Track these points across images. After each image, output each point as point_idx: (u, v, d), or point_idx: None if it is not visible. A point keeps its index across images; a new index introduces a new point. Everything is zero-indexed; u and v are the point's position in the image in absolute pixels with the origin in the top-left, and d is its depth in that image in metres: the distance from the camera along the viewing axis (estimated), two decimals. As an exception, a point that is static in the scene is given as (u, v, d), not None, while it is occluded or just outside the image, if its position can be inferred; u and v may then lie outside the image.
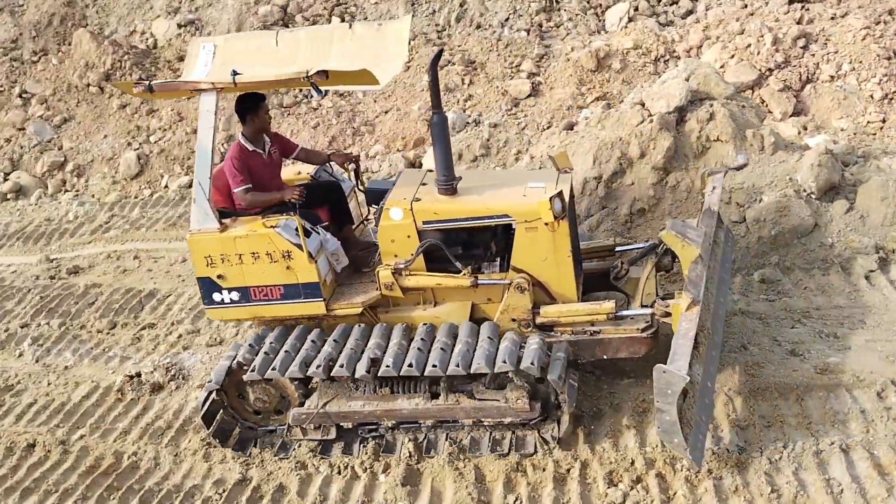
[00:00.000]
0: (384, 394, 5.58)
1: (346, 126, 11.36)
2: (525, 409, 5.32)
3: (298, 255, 5.57)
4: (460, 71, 11.55)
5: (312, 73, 5.21)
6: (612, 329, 5.52)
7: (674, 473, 5.08)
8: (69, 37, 13.34)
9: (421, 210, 5.57)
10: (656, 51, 11.41)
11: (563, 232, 5.45)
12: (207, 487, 5.60)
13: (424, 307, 5.82)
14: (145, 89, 5.55)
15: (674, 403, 4.56)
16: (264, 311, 5.82)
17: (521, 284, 5.49)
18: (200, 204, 5.65)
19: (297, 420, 5.66)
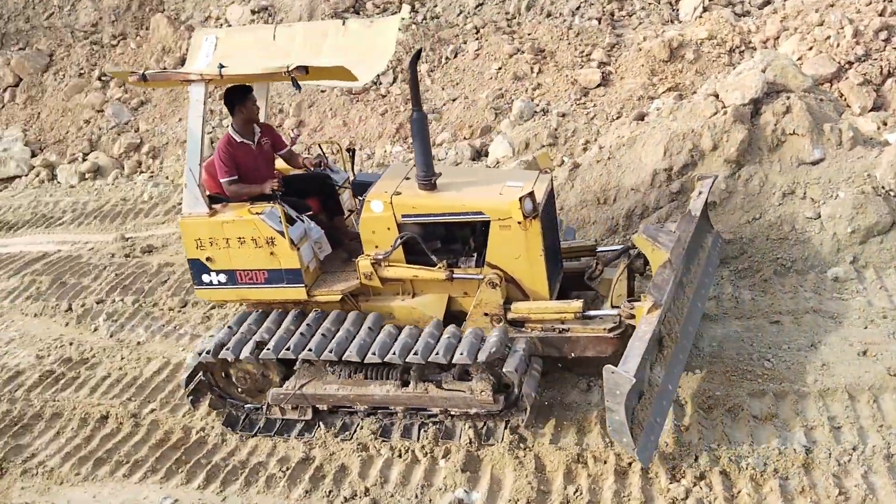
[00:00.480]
0: (358, 379, 5.81)
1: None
2: (489, 401, 5.48)
3: (281, 242, 5.80)
4: (529, 59, 11.48)
5: (293, 68, 5.40)
6: (580, 328, 5.60)
7: (738, 472, 4.99)
8: (147, 21, 13.71)
9: (400, 203, 5.76)
10: (731, 41, 11.16)
11: (536, 231, 5.56)
12: (272, 465, 5.73)
13: (403, 297, 5.99)
14: (140, 78, 5.80)
15: (622, 404, 4.66)
16: (249, 293, 6.07)
17: (492, 280, 5.64)
18: (191, 189, 5.90)
19: (276, 400, 5.94)
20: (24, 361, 7.42)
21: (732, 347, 6.19)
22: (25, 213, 11.12)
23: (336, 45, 6.01)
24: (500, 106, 11.07)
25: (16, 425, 6.51)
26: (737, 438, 5.26)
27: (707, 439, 5.28)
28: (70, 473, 5.93)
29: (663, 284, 5.38)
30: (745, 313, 6.58)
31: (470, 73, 11.76)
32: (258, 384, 6.15)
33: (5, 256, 9.84)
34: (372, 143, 11.31)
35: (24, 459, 6.14)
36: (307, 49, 6.06)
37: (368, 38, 5.97)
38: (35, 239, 10.29)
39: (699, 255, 6.33)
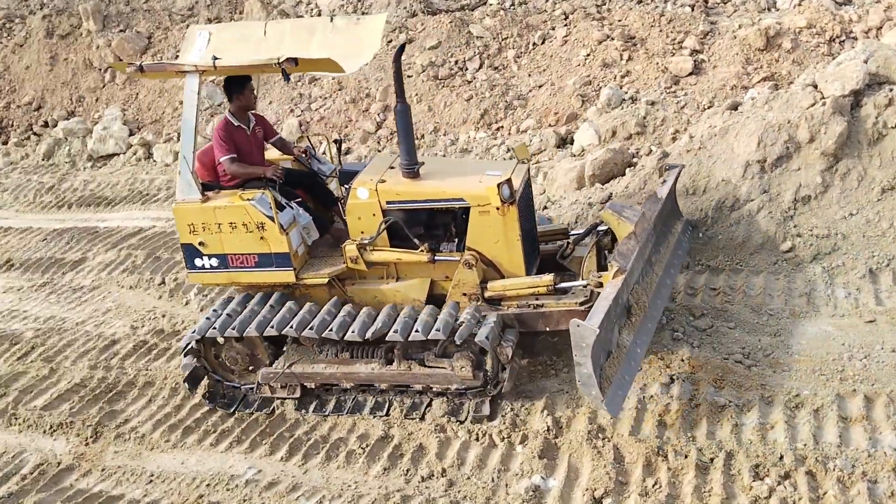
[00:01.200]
0: (344, 358, 6.07)
1: (499, 100, 11.38)
2: (469, 377, 5.74)
3: (271, 227, 6.03)
4: (619, 46, 11.29)
5: (283, 60, 5.69)
6: (553, 303, 5.86)
7: (825, 473, 4.85)
8: (241, 6, 14.04)
9: (385, 190, 6.05)
10: (831, 30, 10.75)
11: (513, 216, 5.86)
12: (352, 441, 5.85)
13: (387, 281, 6.26)
14: (137, 70, 6.04)
15: (588, 356, 4.90)
16: (240, 277, 6.31)
17: (468, 261, 5.92)
18: (185, 176, 6.13)
19: (266, 378, 6.19)
20: (119, 331, 7.74)
21: (823, 346, 6.00)
22: (123, 190, 11.57)
23: (324, 40, 6.34)
24: (587, 93, 10.94)
25: (111, 391, 6.81)
26: (824, 439, 5.11)
27: (793, 438, 5.14)
28: (160, 440, 6.17)
29: (628, 253, 5.66)
30: (838, 311, 6.37)
31: (557, 60, 11.64)
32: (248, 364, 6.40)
33: (104, 231, 10.27)
34: (456, 128, 11.34)
35: (118, 424, 6.42)
36: (296, 44, 6.37)
37: (355, 33, 6.31)
38: (131, 215, 10.70)
39: (668, 239, 6.63)
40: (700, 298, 6.79)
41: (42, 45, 14.23)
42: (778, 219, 7.18)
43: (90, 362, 7.23)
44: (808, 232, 7.06)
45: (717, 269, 7.13)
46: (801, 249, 7.04)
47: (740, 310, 6.55)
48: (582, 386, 5.04)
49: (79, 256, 9.58)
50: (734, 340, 6.21)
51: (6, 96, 14.16)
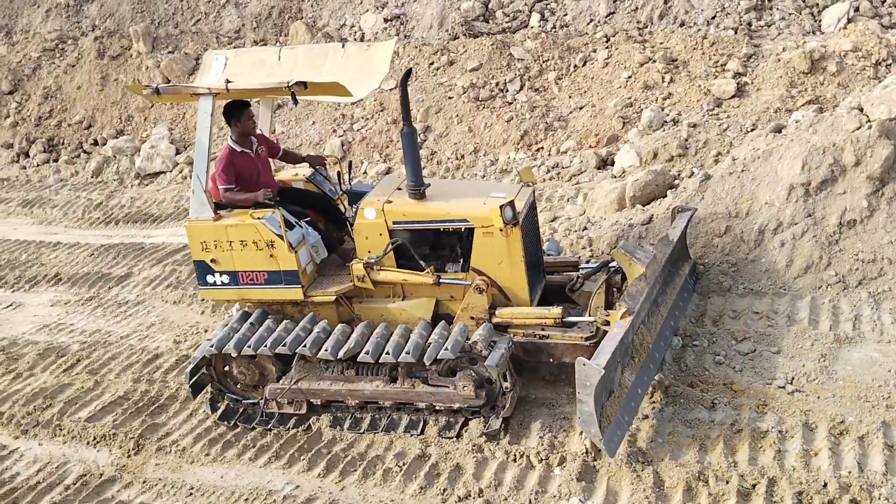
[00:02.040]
0: (349, 375, 6.15)
1: (539, 121, 11.41)
2: (471, 396, 5.82)
3: (280, 245, 6.18)
4: (661, 69, 11.28)
5: (292, 84, 5.82)
6: (559, 335, 5.93)
7: (870, 501, 4.75)
8: (286, 28, 14.30)
9: (391, 211, 6.18)
10: (878, 54, 10.62)
11: (516, 238, 5.96)
12: (389, 459, 5.86)
13: (394, 300, 6.36)
14: (152, 92, 6.18)
15: (591, 395, 5.00)
16: (250, 293, 6.45)
17: (479, 286, 6.00)
18: (198, 195, 6.28)
19: (273, 394, 6.30)
20: (162, 345, 7.87)
21: (869, 372, 5.89)
22: (168, 207, 11.79)
23: (335, 65, 6.53)
24: (628, 115, 10.93)
25: (153, 405, 6.91)
26: (869, 467, 5.00)
27: (837, 466, 5.04)
28: (200, 454, 6.25)
29: (637, 294, 5.77)
30: (884, 337, 6.25)
31: (598, 82, 11.66)
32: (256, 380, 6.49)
33: (149, 246, 10.46)
34: (496, 149, 11.39)
35: (160, 437, 6.51)
36: (309, 69, 6.55)
37: (365, 59, 6.52)
38: (176, 231, 10.88)
39: (675, 280, 6.72)
40: (743, 322, 6.71)
41: (93, 66, 14.63)
42: (823, 242, 7.08)
43: (133, 375, 7.35)
44: (854, 256, 6.95)
45: (760, 292, 7.03)
46: (847, 274, 6.93)
47: (784, 334, 6.46)
48: (582, 423, 5.17)
49: (125, 271, 9.78)
50: (777, 365, 6.12)
51: (58, 115, 14.56)
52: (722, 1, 11.96)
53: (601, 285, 6.22)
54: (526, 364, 6.23)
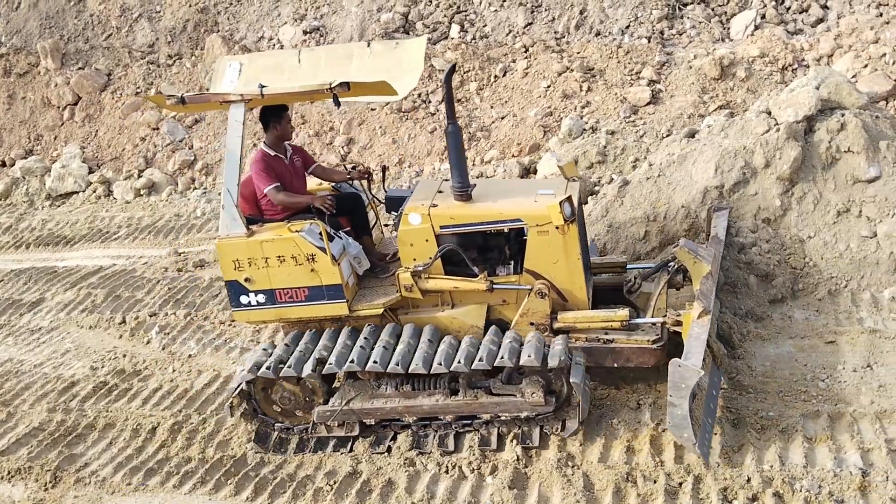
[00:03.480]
0: (405, 391, 5.80)
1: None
2: (540, 403, 5.51)
3: (322, 258, 5.81)
4: (578, 78, 11.47)
5: (335, 85, 5.52)
6: (624, 339, 5.71)
7: (792, 494, 4.88)
8: (202, 42, 14.02)
9: (438, 215, 5.85)
10: (784, 59, 11.03)
11: (573, 235, 5.69)
12: (319, 478, 5.75)
13: (442, 308, 6.05)
14: (177, 102, 5.82)
15: (686, 398, 4.81)
16: (289, 312, 6.04)
17: (541, 290, 5.75)
18: (228, 210, 5.91)
19: (322, 417, 5.90)
20: (78, 372, 7.58)
21: (786, 367, 6.07)
22: (82, 228, 11.41)
23: (362, 66, 6.20)
24: (548, 124, 11.07)
25: (70, 435, 6.64)
26: (791, 460, 5.14)
27: (760, 460, 5.17)
28: (122, 483, 6.02)
29: (709, 293, 5.60)
30: (798, 333, 6.45)
31: (519, 92, 11.78)
32: (299, 403, 6.08)
33: (62, 270, 10.09)
34: (421, 160, 11.39)
35: (78, 468, 6.25)
36: (333, 70, 6.19)
37: (395, 57, 6.17)
38: (91, 253, 10.54)
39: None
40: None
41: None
42: (739, 244, 7.27)
43: (49, 405, 7.04)
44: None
45: (680, 294, 7.18)
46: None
47: (704, 334, 6.60)
48: (674, 428, 4.95)
49: (37, 297, 9.40)
50: (699, 364, 6.24)
51: (-38, 136, 13.96)
52: (635, 10, 12.25)
53: (663, 285, 6.02)
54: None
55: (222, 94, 6.01)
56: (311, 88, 5.73)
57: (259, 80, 6.12)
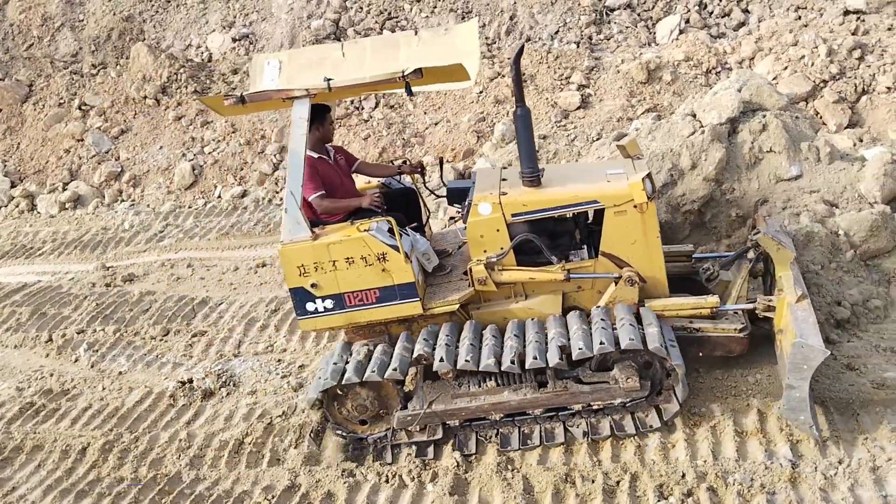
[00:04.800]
0: (489, 387, 5.61)
1: (397, 137, 11.45)
2: (636, 388, 5.40)
3: (394, 257, 5.59)
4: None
5: (409, 73, 5.25)
6: (710, 327, 5.63)
7: (726, 487, 4.98)
8: (127, 50, 13.72)
9: (509, 203, 5.66)
10: (708, 63, 11.31)
11: (653, 213, 5.55)
12: (257, 493, 5.65)
13: (516, 300, 5.87)
14: (237, 102, 5.52)
15: (807, 379, 4.79)
16: (359, 316, 5.80)
17: (632, 277, 5.59)
18: (292, 213, 5.62)
19: (403, 423, 5.67)
20: (3, 394, 7.31)
21: (715, 364, 6.20)
22: (5, 244, 11.04)
23: (412, 55, 5.88)
24: (482, 129, 11.14)
25: (-4, 458, 6.41)
26: (723, 454, 5.26)
27: (693, 456, 5.27)
28: (51, 506, 5.83)
29: (798, 279, 5.55)
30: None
31: (451, 97, 11.83)
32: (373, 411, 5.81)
33: (-16, 288, 9.74)
34: (354, 168, 11.34)
35: (5, 493, 6.02)
36: (382, 62, 5.88)
37: (447, 43, 5.87)
38: (14, 270, 10.21)
39: None
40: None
41: (-88, 97, 13.54)
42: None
43: (-28, 429, 6.79)
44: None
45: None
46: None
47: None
48: (790, 411, 4.95)
49: (-43, 317, 9.05)
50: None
51: None
52: (564, 16, 12.43)
53: (745, 273, 5.92)
54: None
55: (286, 90, 5.63)
56: (381, 77, 5.41)
57: (301, 76, 5.82)
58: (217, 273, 9.32)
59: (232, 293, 8.75)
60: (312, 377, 5.84)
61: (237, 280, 9.05)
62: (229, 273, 9.26)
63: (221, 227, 10.59)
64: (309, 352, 7.32)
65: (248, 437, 6.17)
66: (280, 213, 10.72)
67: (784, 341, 5.32)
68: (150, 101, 12.76)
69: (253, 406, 6.60)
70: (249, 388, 6.86)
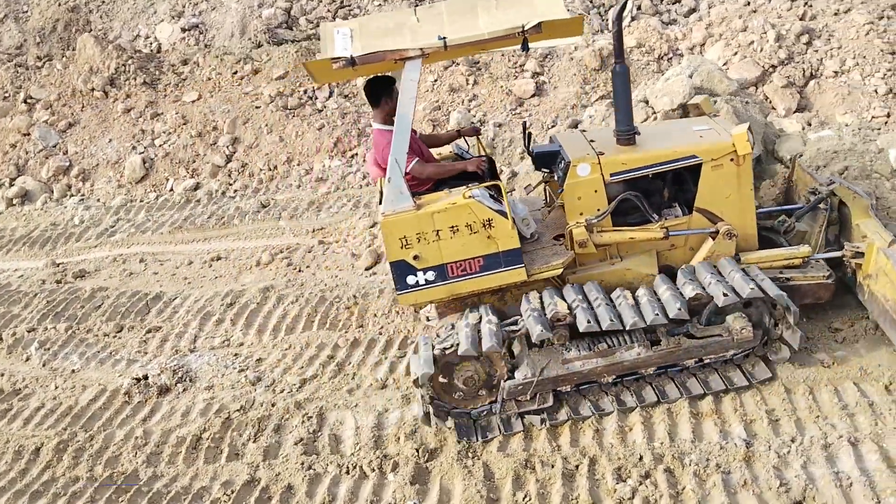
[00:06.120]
0: (601, 350, 5.55)
1: (352, 127, 11.37)
2: (749, 338, 5.47)
3: (501, 223, 5.48)
4: (465, 72, 11.55)
5: (529, 27, 5.09)
6: (800, 276, 5.70)
7: (682, 468, 5.06)
8: (73, 42, 13.40)
9: (608, 162, 5.64)
10: (659, 49, 11.41)
11: (748, 167, 5.63)
12: (216, 489, 5.60)
13: (612, 262, 5.87)
14: (346, 65, 5.20)
15: None
16: (461, 287, 5.65)
17: (730, 231, 5.65)
18: (396, 183, 5.42)
19: (513, 392, 5.59)
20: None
21: (672, 347, 6.28)
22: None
23: (492, 19, 5.63)
24: (437, 118, 11.11)
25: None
26: (679, 436, 5.34)
27: (650, 438, 5.35)
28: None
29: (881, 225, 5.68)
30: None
31: (405, 86, 11.76)
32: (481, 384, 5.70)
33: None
34: (310, 158, 11.23)
35: (-45, 497, 5.90)
36: (461, 25, 5.63)
37: (528, 4, 5.61)
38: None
39: None
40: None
41: None
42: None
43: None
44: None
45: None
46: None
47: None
48: None
49: None
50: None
51: None
52: (517, 3, 12.43)
53: (823, 222, 6.00)
54: None
55: (399, 50, 5.32)
56: (501, 33, 5.19)
57: (378, 43, 5.50)
58: (171, 267, 9.18)
59: (186, 287, 8.62)
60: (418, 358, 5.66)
61: (191, 274, 8.93)
62: (183, 267, 9.13)
63: (174, 221, 10.42)
64: (266, 345, 7.26)
65: (205, 432, 6.11)
66: (233, 204, 10.59)
67: (874, 286, 5.51)
68: (97, 94, 12.48)
69: (210, 401, 6.53)
70: (206, 383, 6.78)
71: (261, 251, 9.10)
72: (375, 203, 9.78)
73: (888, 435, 5.05)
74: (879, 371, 5.59)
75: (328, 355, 6.89)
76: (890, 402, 5.31)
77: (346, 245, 8.87)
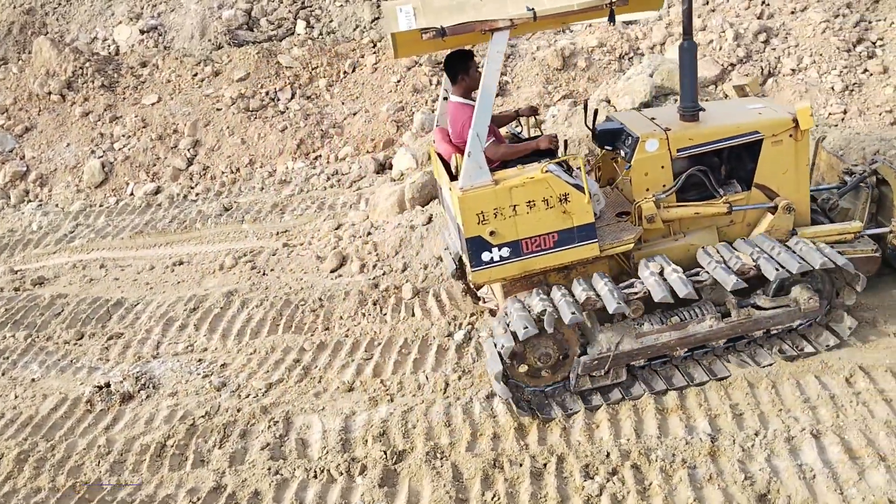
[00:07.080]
0: (673, 323, 5.63)
1: (315, 129, 11.30)
2: (816, 308, 5.64)
3: (577, 197, 5.47)
4: (427, 72, 11.55)
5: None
6: (850, 250, 5.83)
7: (649, 464, 5.10)
8: (29, 45, 13.16)
9: (676, 138, 5.73)
10: (621, 48, 11.51)
11: (806, 143, 5.79)
12: (181, 496, 5.52)
13: (675, 237, 5.95)
14: (436, 35, 5.10)
15: None
16: (535, 263, 5.64)
17: (789, 205, 5.79)
18: (475, 157, 5.36)
19: (588, 368, 5.62)
20: None
21: (637, 344, 6.33)
22: None
23: None
24: (401, 118, 11.09)
25: None
26: (645, 432, 5.38)
27: (617, 435, 5.38)
28: (-38, 522, 5.58)
29: None
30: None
31: (369, 87, 11.73)
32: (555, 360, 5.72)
33: None
34: (273, 160, 11.14)
35: (-90, 511, 5.75)
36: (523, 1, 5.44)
37: None
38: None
39: None
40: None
41: None
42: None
43: None
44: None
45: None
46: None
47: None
48: None
49: None
50: (557, 347, 6.42)
51: None
52: (479, 3, 12.45)
53: (866, 199, 6.15)
54: None
55: (489, 20, 5.20)
56: (589, 4, 5.12)
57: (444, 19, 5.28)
58: (132, 273, 9.05)
59: (148, 293, 8.50)
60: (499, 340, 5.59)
61: (153, 279, 8.80)
62: (145, 272, 9.00)
63: (135, 226, 10.27)
64: (231, 350, 7.19)
65: (170, 439, 6.02)
66: (195, 208, 10.46)
67: None
68: (55, 97, 12.27)
69: (174, 407, 6.44)
70: (170, 390, 6.69)
71: (224, 255, 9.01)
72: (340, 205, 9.74)
73: (849, 427, 5.14)
74: (840, 364, 5.69)
75: (294, 359, 6.84)
76: (850, 395, 5.41)
77: (310, 247, 8.82)
